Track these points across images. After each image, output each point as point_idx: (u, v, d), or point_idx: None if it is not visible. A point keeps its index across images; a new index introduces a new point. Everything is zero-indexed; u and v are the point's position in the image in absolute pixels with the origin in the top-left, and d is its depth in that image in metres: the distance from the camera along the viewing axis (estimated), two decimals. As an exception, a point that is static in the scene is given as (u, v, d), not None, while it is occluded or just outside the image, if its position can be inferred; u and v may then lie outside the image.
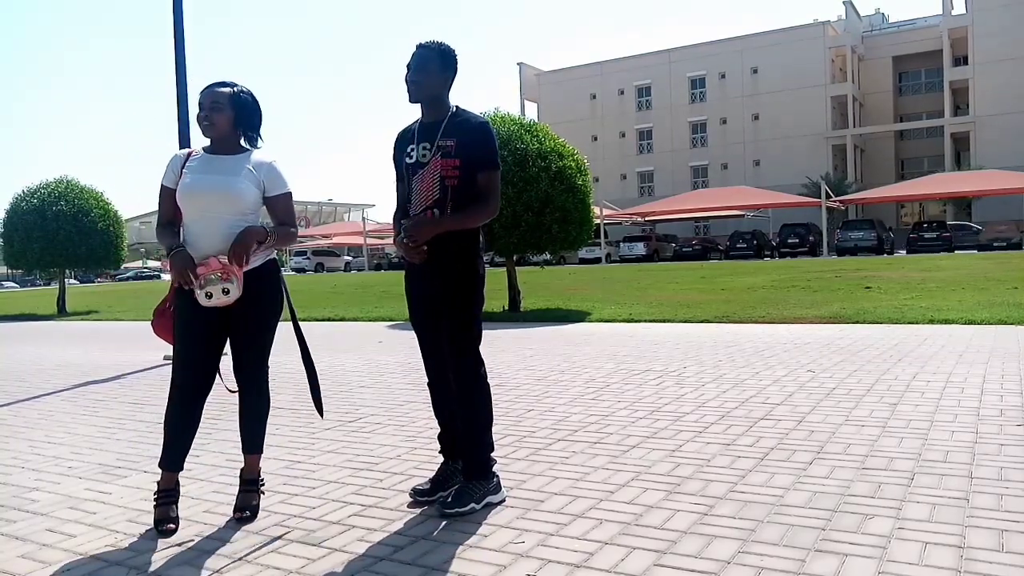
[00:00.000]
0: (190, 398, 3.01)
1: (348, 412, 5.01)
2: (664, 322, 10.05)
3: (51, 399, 6.09)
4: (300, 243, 52.62)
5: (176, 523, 2.96)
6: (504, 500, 3.08)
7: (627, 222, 46.26)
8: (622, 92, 59.45)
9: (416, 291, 3.16)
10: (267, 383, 3.15)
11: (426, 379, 3.26)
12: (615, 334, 8.94)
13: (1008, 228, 34.09)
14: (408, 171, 3.10)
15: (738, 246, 38.29)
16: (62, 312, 17.86)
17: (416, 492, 3.15)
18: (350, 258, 51.29)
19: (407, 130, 3.17)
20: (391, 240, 43.12)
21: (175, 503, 3.02)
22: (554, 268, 28.00)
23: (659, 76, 57.90)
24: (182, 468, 3.07)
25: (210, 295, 2.86)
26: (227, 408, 3.12)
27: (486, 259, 3.23)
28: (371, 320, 12.49)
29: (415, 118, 3.17)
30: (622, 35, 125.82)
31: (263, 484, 3.21)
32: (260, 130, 3.16)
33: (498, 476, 3.13)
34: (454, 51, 3.10)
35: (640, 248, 40.02)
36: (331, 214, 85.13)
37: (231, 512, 3.07)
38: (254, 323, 3.04)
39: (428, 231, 2.96)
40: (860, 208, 47.36)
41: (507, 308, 12.18)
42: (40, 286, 47.82)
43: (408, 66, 3.05)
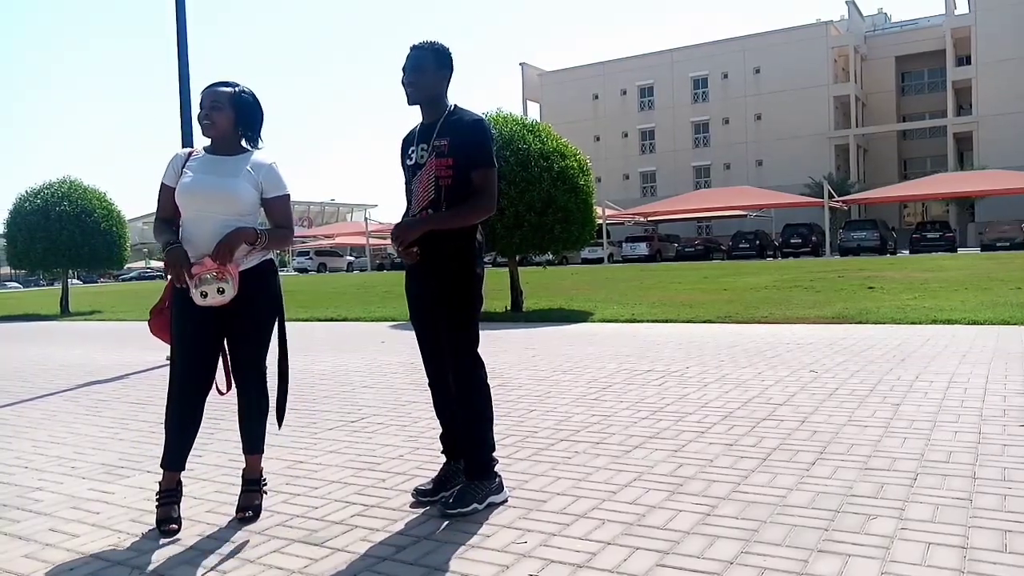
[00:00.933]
0: (190, 398, 3.01)
1: (350, 412, 5.02)
2: (667, 322, 10.04)
3: (54, 399, 6.10)
4: (303, 243, 52.70)
5: (179, 523, 2.96)
6: (506, 500, 3.08)
7: (629, 222, 46.23)
8: (624, 92, 59.42)
9: (414, 291, 3.16)
10: (265, 383, 3.14)
11: (427, 379, 3.26)
12: (617, 334, 8.93)
13: (1011, 228, 34.02)
14: (409, 173, 3.11)
15: (741, 246, 38.27)
16: (65, 312, 17.88)
17: (418, 492, 3.15)
18: (353, 258, 51.31)
19: (411, 132, 3.18)
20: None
21: (177, 503, 3.03)
22: (556, 268, 28.00)
23: (661, 76, 57.86)
24: (184, 468, 3.07)
25: (205, 294, 2.86)
26: (229, 408, 3.12)
27: (488, 259, 3.22)
28: (373, 320, 12.49)
29: (419, 119, 3.16)
30: (624, 35, 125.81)
31: (265, 484, 3.21)
32: (261, 131, 3.16)
33: (500, 476, 3.13)
34: (448, 49, 3.08)
35: (642, 248, 40.00)
36: (334, 214, 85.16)
37: (234, 512, 3.07)
38: (250, 323, 3.04)
39: (413, 232, 2.95)
40: (863, 208, 47.32)
41: (509, 308, 12.18)
42: (43, 286, 47.89)
43: (403, 69, 3.05)
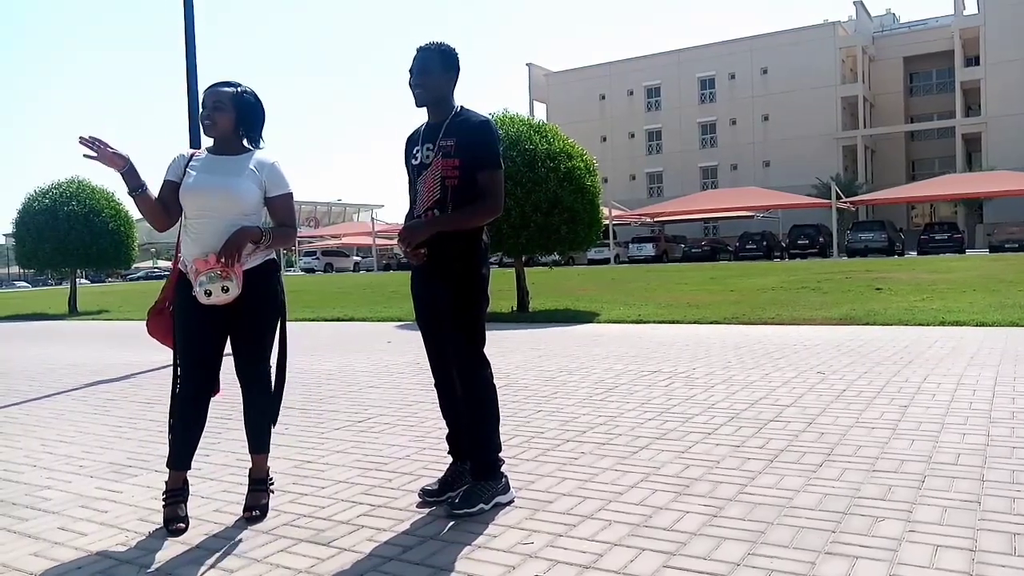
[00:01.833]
0: (194, 397, 3.02)
1: (357, 412, 5.02)
2: (673, 323, 10.03)
3: (62, 398, 6.12)
4: (309, 243, 52.82)
5: (186, 522, 2.97)
6: (513, 501, 3.08)
7: (636, 223, 46.16)
8: (631, 93, 59.35)
9: (420, 292, 3.16)
10: (269, 382, 3.15)
11: (433, 380, 3.26)
12: (624, 335, 8.93)
13: (1020, 230, 33.84)
14: (414, 173, 3.11)
15: (747, 247, 38.18)
16: (73, 312, 17.95)
17: (425, 493, 3.15)
18: (359, 258, 51.40)
19: (415, 132, 3.18)
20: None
21: (184, 502, 3.04)
22: (563, 269, 27.98)
23: (668, 76, 57.78)
24: (189, 467, 3.08)
25: (209, 293, 2.86)
26: (236, 407, 3.13)
27: (494, 259, 3.21)
28: (380, 320, 12.50)
29: (424, 119, 3.17)
30: (631, 36, 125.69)
31: (272, 484, 3.22)
32: (262, 131, 3.16)
33: (507, 476, 3.13)
34: (454, 50, 3.08)
35: (649, 249, 39.94)
36: (340, 214, 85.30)
37: (240, 511, 3.08)
38: (253, 322, 3.04)
39: (420, 233, 2.95)
40: (870, 209, 47.16)
41: (515, 309, 12.18)
42: (51, 286, 48.09)
43: (411, 71, 3.05)
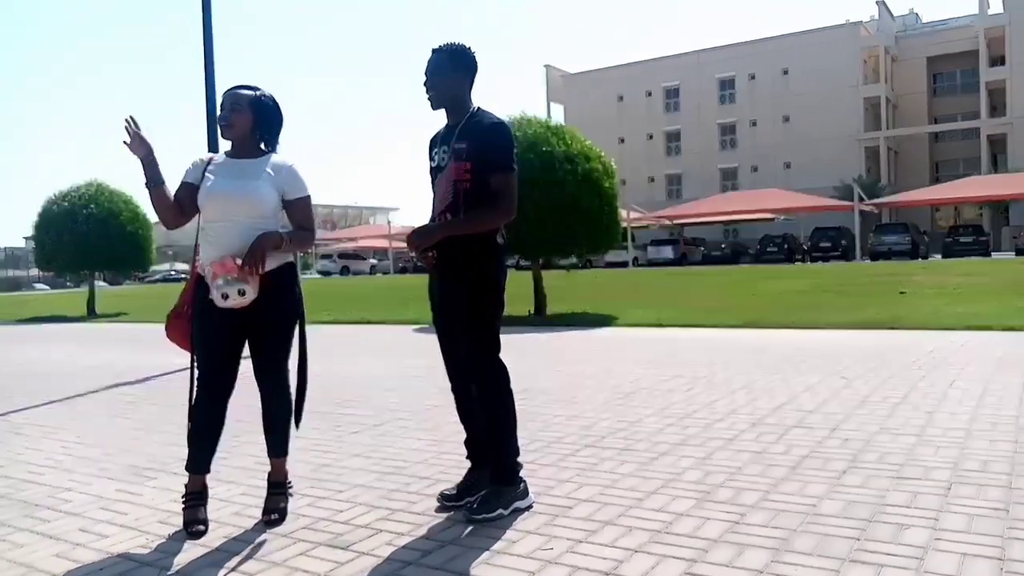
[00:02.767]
0: (213, 401, 3.03)
1: (375, 415, 5.02)
2: (693, 327, 9.96)
3: (82, 400, 6.17)
4: (326, 246, 53.06)
5: (205, 525, 2.97)
6: (531, 506, 3.06)
7: (655, 225, 45.99)
8: (650, 94, 59.16)
9: (436, 295, 3.15)
10: (287, 385, 3.15)
11: (449, 384, 3.24)
12: (643, 339, 8.88)
13: None
14: (432, 175, 3.10)
15: (768, 250, 37.88)
16: (92, 314, 18.11)
17: (443, 497, 3.14)
18: (375, 261, 51.62)
19: (437, 133, 3.17)
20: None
21: (203, 505, 3.04)
22: (580, 272, 27.91)
23: (687, 77, 57.53)
24: (208, 470, 3.08)
25: (226, 296, 2.86)
26: (255, 411, 3.14)
27: (511, 262, 3.18)
28: (397, 323, 12.52)
29: (442, 121, 3.16)
30: (649, 37, 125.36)
31: (291, 487, 3.22)
32: (279, 135, 3.16)
33: (525, 481, 3.10)
34: (468, 49, 3.05)
35: (668, 252, 39.76)
36: (357, 217, 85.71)
37: (260, 515, 3.08)
38: (272, 325, 3.04)
39: (428, 238, 2.93)
40: (894, 211, 46.66)
41: (533, 312, 12.15)
42: (70, 288, 48.61)
43: (425, 73, 3.03)
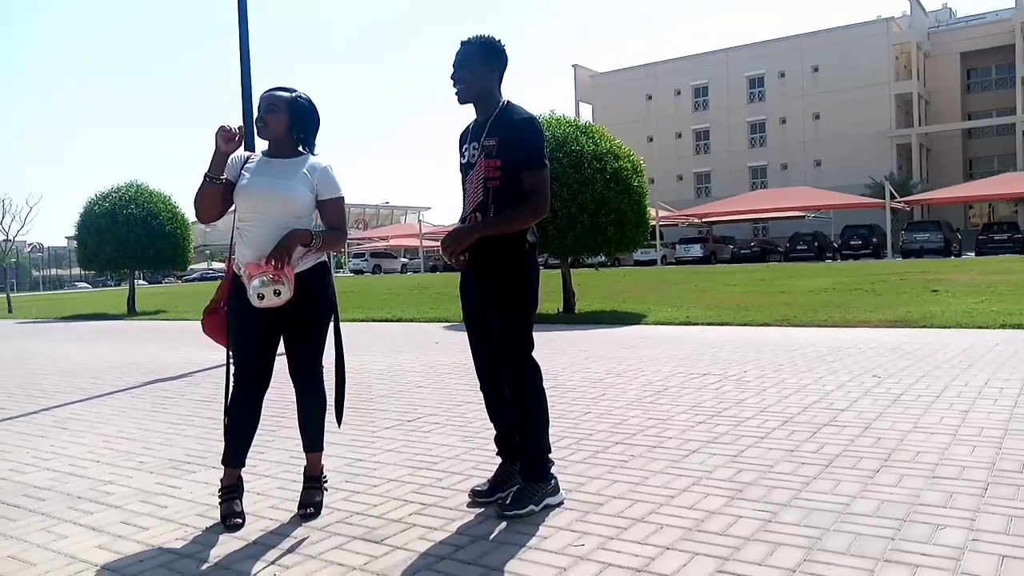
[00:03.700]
0: (249, 397, 3.09)
1: (407, 411, 5.07)
2: (722, 325, 9.90)
3: (123, 395, 6.30)
4: (358, 245, 53.44)
5: (242, 518, 3.03)
6: (563, 502, 3.08)
7: (683, 223, 45.71)
8: (678, 92, 58.79)
9: (467, 293, 3.14)
10: (322, 383, 3.20)
11: (478, 381, 3.24)
12: (672, 337, 8.85)
13: None
14: (463, 171, 3.06)
15: (798, 248, 37.54)
16: (132, 312, 18.44)
17: (475, 493, 3.16)
18: (406, 260, 51.90)
19: (466, 128, 3.13)
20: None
21: (239, 498, 3.10)
22: (609, 270, 27.83)
23: (716, 75, 57.07)
24: (243, 464, 3.14)
25: (262, 296, 2.90)
26: (290, 406, 3.19)
27: (539, 261, 3.16)
28: (427, 321, 12.60)
29: (472, 116, 3.11)
30: (677, 35, 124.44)
31: (326, 481, 3.28)
32: (315, 137, 3.19)
33: (556, 478, 3.12)
34: (496, 41, 2.97)
35: (697, 250, 39.51)
36: (388, 216, 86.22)
37: (295, 508, 3.14)
38: (306, 323, 3.09)
39: (462, 241, 2.89)
40: (926, 209, 45.93)
41: (561, 310, 12.16)
42: (111, 287, 49.45)
43: (453, 66, 2.99)
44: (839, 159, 52.01)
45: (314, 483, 3.20)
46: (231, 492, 3.10)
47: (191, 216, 20.00)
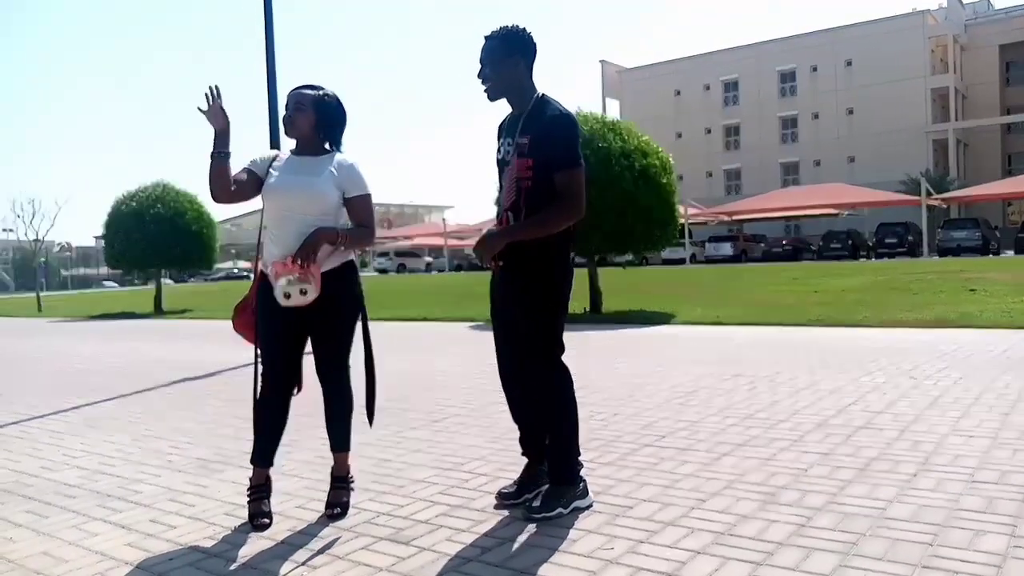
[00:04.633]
0: (276, 396, 3.09)
1: (433, 412, 5.06)
2: (754, 325, 9.77)
3: (151, 394, 6.37)
4: (382, 244, 53.73)
5: (270, 517, 3.03)
6: (591, 505, 3.03)
7: (713, 222, 45.32)
8: (707, 87, 58.29)
9: (497, 293, 3.09)
10: (349, 382, 3.19)
11: (501, 381, 3.19)
12: (701, 337, 8.75)
13: None
14: (499, 168, 2.99)
15: (832, 246, 36.99)
16: (159, 311, 18.68)
17: (502, 495, 3.13)
18: (431, 259, 52.08)
19: (503, 121, 3.03)
20: (470, 241, 43.60)
21: (267, 498, 3.11)
22: (636, 269, 27.66)
23: (747, 70, 56.49)
24: (272, 464, 3.15)
25: (288, 295, 2.90)
26: (318, 405, 3.18)
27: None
28: (453, 320, 12.60)
29: (502, 113, 3.04)
30: (706, 30, 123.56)
31: (353, 482, 3.27)
32: (342, 135, 3.18)
33: (585, 481, 3.07)
34: (522, 30, 2.87)
35: (727, 248, 39.15)
36: (412, 215, 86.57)
37: (323, 508, 3.13)
38: (333, 323, 3.08)
39: (496, 246, 2.83)
40: (963, 206, 45.05)
41: (588, 310, 12.09)
42: (138, 286, 50.25)
43: (479, 63, 2.90)
44: (874, 155, 51.20)
45: (341, 483, 3.19)
46: (259, 491, 3.10)
47: (217, 216, 20.32)
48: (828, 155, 53.53)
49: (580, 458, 3.07)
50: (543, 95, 2.91)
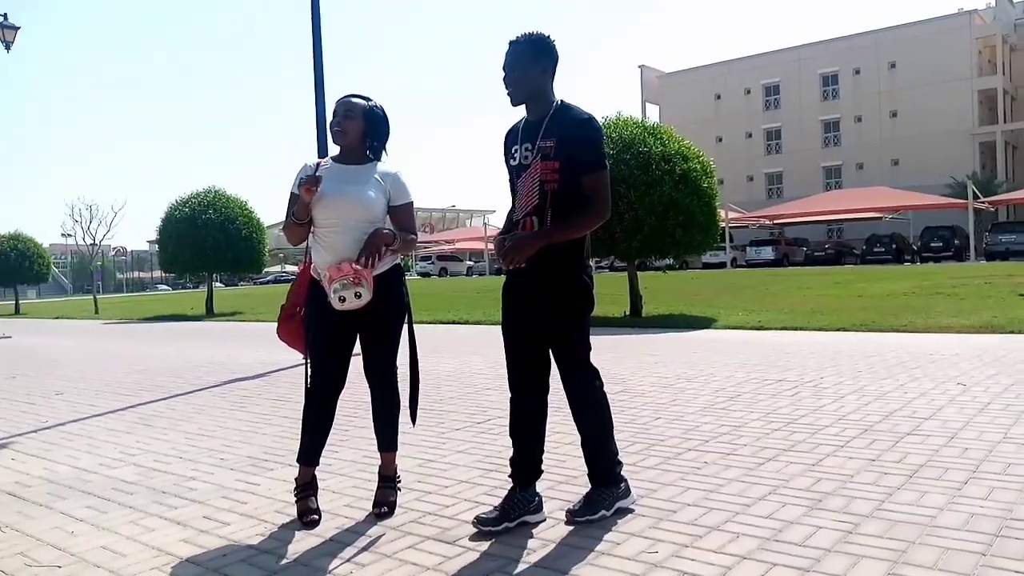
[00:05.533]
0: (325, 397, 3.17)
1: (476, 413, 5.10)
2: (796, 330, 9.65)
3: (203, 394, 6.52)
4: (424, 248, 54.10)
5: (319, 514, 3.11)
6: (635, 505, 3.05)
7: (754, 225, 44.79)
8: (748, 91, 57.65)
9: (513, 300, 2.99)
10: (396, 383, 3.25)
11: (510, 391, 3.06)
12: (743, 341, 8.67)
13: None
14: (514, 173, 2.97)
15: (875, 250, 36.30)
16: (210, 313, 19.07)
17: (480, 521, 2.90)
18: (472, 263, 52.30)
19: (513, 128, 3.01)
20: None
21: (314, 496, 3.18)
22: (676, 273, 27.49)
23: (788, 74, 55.74)
24: (318, 463, 3.22)
25: (343, 299, 2.97)
26: (363, 406, 3.25)
27: (605, 263, 3.05)
28: (493, 324, 12.64)
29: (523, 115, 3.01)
30: (746, 34, 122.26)
31: (399, 481, 3.32)
32: (386, 144, 3.27)
33: (627, 481, 3.08)
34: (546, 38, 2.87)
35: (768, 252, 38.66)
36: (454, 220, 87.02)
37: (370, 507, 3.19)
38: (382, 326, 3.15)
39: (526, 251, 2.77)
40: (1011, 209, 43.90)
41: (628, 313, 12.05)
42: (190, 289, 51.27)
43: (503, 68, 2.89)
44: (918, 158, 50.13)
45: (388, 483, 3.25)
46: (306, 490, 3.18)
47: (266, 220, 20.65)
48: (871, 158, 52.56)
49: (621, 458, 3.08)
50: (563, 101, 2.92)
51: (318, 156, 7.69)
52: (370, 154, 3.23)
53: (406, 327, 3.25)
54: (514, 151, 2.95)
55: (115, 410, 5.92)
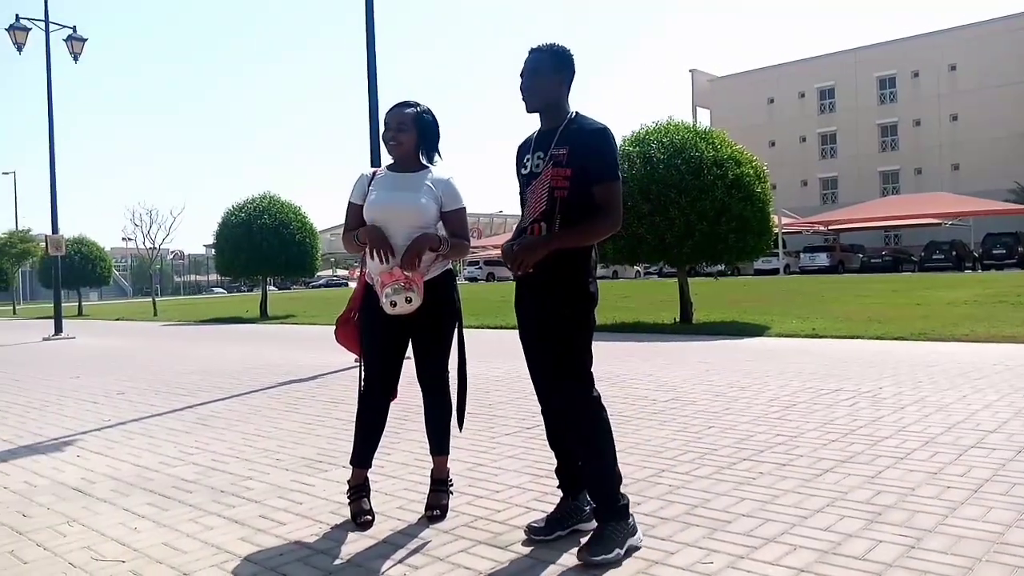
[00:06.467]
0: (377, 401, 3.21)
1: (526, 418, 5.10)
2: (853, 338, 9.43)
3: (258, 395, 6.65)
4: (472, 253, 54.34)
5: (372, 515, 3.15)
6: (641, 543, 2.75)
7: (808, 231, 43.95)
8: (802, 95, 56.62)
9: (522, 309, 2.95)
10: (448, 387, 3.28)
11: (539, 405, 3.00)
12: (798, 350, 8.51)
13: None
14: (524, 182, 2.94)
15: (934, 257, 35.31)
16: (264, 316, 19.49)
17: (531, 530, 2.89)
18: (520, 268, 52.29)
19: (527, 139, 2.98)
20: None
21: (367, 497, 3.23)
22: (728, 279, 27.10)
23: (844, 77, 54.58)
24: (370, 465, 3.27)
25: (394, 304, 3.01)
26: (413, 408, 3.28)
27: (654, 269, 2.97)
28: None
29: (537, 127, 2.97)
30: (800, 36, 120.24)
31: (451, 485, 3.34)
32: (438, 148, 3.31)
33: (633, 516, 2.78)
34: (567, 51, 2.86)
35: (823, 259, 37.92)
36: (501, 225, 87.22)
37: (422, 510, 3.22)
38: (434, 330, 3.19)
39: (535, 255, 2.72)
40: (1081, 215, 42.21)
41: (678, 320, 11.93)
42: (245, 292, 52.39)
43: (521, 74, 2.87)
44: (979, 162, 48.60)
45: (441, 486, 3.28)
46: (359, 492, 3.22)
47: (319, 225, 21.02)
48: (930, 163, 51.14)
49: (624, 488, 2.81)
50: (577, 112, 2.89)
51: (371, 165, 7.79)
52: (424, 159, 3.27)
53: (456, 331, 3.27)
54: (526, 160, 2.93)
55: (174, 410, 6.07)
